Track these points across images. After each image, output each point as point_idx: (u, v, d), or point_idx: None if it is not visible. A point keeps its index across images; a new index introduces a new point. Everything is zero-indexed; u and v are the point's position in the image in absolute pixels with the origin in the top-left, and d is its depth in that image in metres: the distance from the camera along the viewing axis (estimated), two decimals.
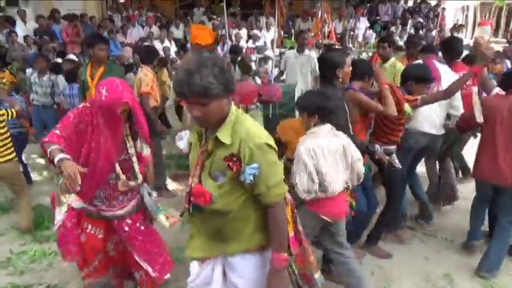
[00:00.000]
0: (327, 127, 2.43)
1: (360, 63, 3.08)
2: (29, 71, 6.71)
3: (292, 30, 11.36)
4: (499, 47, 10.06)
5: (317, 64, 6.28)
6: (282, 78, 6.45)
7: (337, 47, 10.98)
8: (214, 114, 1.55)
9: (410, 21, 12.04)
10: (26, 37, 8.46)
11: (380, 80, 3.03)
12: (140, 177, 2.44)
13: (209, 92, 1.48)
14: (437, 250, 3.45)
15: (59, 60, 6.95)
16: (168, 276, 2.59)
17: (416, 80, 3.05)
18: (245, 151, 1.57)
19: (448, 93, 3.08)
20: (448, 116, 3.53)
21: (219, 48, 9.27)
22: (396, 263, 3.26)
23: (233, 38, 10.24)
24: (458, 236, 3.61)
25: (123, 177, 2.35)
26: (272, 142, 1.63)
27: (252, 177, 1.57)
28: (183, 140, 2.40)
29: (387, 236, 3.53)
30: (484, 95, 3.55)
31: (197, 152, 1.72)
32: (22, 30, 8.89)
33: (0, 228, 3.80)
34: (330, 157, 2.37)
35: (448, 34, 11.87)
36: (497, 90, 3.38)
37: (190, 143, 1.83)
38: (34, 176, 4.98)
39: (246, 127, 1.61)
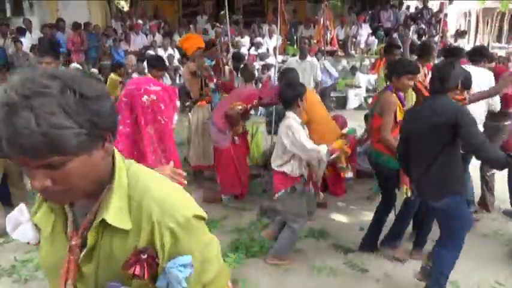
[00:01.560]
0: (289, 114, 3.04)
1: (400, 63, 3.20)
2: None
3: (295, 38, 11.42)
4: (502, 53, 10.07)
5: (319, 70, 6.40)
6: None
7: (339, 53, 11.04)
8: (79, 181, 0.85)
9: (412, 28, 12.07)
10: (33, 46, 8.57)
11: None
12: None
13: (60, 145, 0.77)
14: None
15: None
16: None
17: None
18: (163, 238, 0.91)
19: (493, 92, 3.36)
20: None
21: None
22: (402, 270, 3.24)
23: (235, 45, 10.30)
24: (467, 239, 3.58)
25: None
26: (199, 209, 0.99)
27: (184, 283, 0.92)
28: (23, 225, 1.09)
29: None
30: None
31: (60, 248, 0.97)
32: (28, 39, 9.00)
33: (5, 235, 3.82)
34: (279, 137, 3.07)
35: (450, 40, 11.91)
36: None
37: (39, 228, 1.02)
38: None
39: (155, 191, 0.94)
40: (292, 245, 3.36)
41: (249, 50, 10.63)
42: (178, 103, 2.15)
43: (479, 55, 4.00)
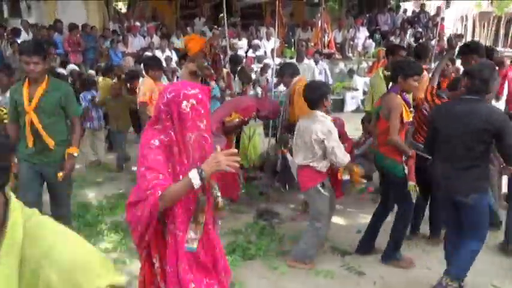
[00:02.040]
0: (313, 113, 3.10)
1: (406, 64, 3.22)
2: None
3: (293, 40, 11.45)
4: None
5: (316, 73, 6.43)
6: (279, 87, 6.49)
7: (337, 56, 11.08)
8: None
9: (409, 31, 12.12)
10: None
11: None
12: None
13: None
14: (439, 260, 3.42)
15: (62, 70, 7.04)
16: None
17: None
18: None
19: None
20: None
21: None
22: (398, 273, 3.24)
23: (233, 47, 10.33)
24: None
25: None
26: (116, 276, 0.78)
27: None
28: None
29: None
30: None
31: None
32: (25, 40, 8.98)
33: None
34: (299, 134, 3.18)
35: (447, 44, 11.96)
36: None
37: None
38: None
39: (60, 252, 0.71)
40: (314, 248, 3.29)
41: (246, 52, 10.64)
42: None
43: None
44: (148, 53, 9.37)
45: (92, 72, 8.61)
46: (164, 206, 1.70)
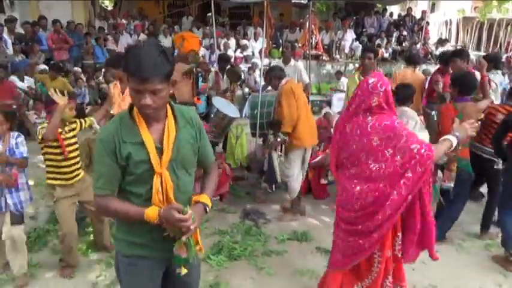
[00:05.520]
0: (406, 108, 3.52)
1: (469, 77, 3.54)
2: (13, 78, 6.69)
3: (280, 41, 11.47)
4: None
5: (304, 73, 6.44)
6: (268, 88, 6.48)
7: (324, 58, 11.16)
8: None
9: (395, 34, 12.28)
10: (13, 44, 8.34)
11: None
12: None
13: None
14: (423, 261, 3.46)
15: (45, 66, 6.91)
16: None
17: None
18: None
19: None
20: None
21: (207, 57, 9.31)
22: None
23: (221, 47, 10.31)
24: (444, 246, 3.64)
25: None
26: None
27: None
28: None
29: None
30: None
31: None
32: (9, 37, 8.75)
33: None
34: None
35: (432, 47, 12.16)
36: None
37: None
38: None
39: None
40: None
41: (234, 52, 10.63)
42: None
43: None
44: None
45: (77, 69, 8.49)
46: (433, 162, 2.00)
